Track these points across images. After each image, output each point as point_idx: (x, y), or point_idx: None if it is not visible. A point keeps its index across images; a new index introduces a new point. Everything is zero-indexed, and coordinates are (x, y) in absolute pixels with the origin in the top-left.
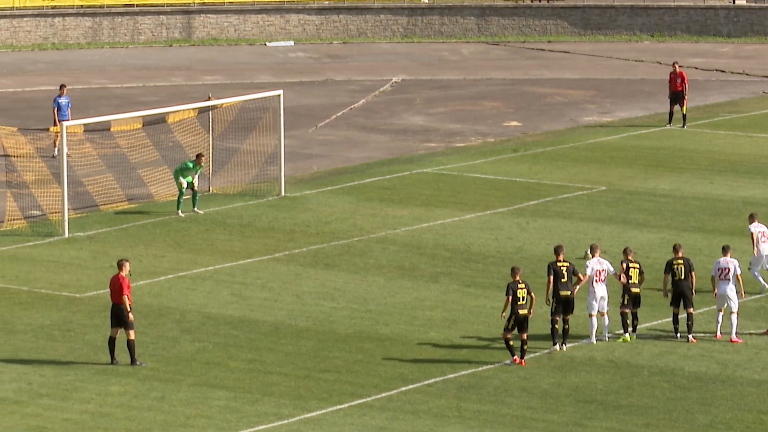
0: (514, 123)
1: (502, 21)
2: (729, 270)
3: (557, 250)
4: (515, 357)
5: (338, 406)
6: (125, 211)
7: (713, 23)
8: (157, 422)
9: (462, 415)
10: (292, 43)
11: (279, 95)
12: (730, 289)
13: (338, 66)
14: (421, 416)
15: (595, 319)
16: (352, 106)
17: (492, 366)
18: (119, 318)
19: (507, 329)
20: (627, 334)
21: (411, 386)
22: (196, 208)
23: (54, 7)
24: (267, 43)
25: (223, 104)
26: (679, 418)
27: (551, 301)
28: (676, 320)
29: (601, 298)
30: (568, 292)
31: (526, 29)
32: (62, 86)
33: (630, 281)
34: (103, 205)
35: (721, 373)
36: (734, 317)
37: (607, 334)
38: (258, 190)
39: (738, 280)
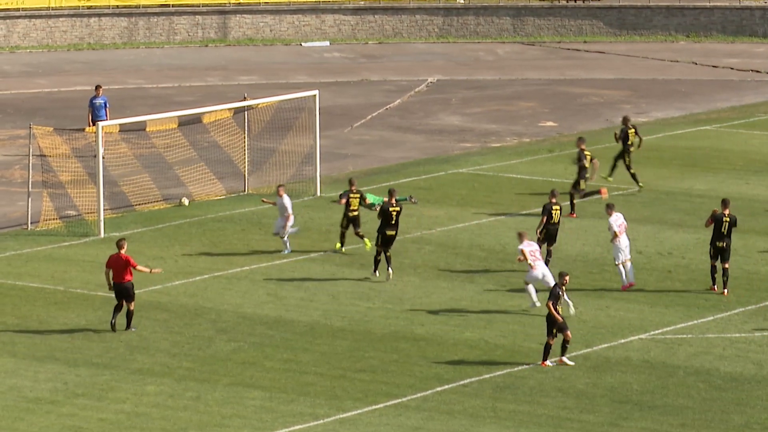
0: (550, 123)
1: (538, 21)
2: (625, 224)
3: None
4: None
5: (374, 406)
6: (162, 210)
7: (749, 23)
8: (193, 422)
9: (497, 416)
10: (327, 43)
11: (315, 95)
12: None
13: (374, 66)
14: (457, 416)
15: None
16: (388, 107)
17: (527, 366)
18: (123, 294)
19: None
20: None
21: (446, 386)
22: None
23: (90, 8)
24: (302, 43)
25: (259, 104)
26: (715, 419)
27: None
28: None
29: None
30: None
31: (561, 29)
32: (97, 87)
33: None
34: (139, 205)
35: (756, 374)
36: (630, 264)
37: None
38: (294, 190)
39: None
